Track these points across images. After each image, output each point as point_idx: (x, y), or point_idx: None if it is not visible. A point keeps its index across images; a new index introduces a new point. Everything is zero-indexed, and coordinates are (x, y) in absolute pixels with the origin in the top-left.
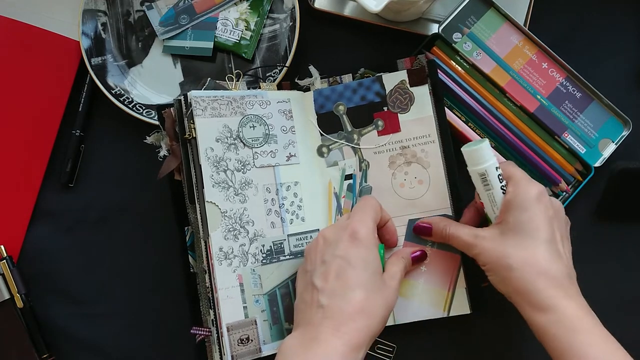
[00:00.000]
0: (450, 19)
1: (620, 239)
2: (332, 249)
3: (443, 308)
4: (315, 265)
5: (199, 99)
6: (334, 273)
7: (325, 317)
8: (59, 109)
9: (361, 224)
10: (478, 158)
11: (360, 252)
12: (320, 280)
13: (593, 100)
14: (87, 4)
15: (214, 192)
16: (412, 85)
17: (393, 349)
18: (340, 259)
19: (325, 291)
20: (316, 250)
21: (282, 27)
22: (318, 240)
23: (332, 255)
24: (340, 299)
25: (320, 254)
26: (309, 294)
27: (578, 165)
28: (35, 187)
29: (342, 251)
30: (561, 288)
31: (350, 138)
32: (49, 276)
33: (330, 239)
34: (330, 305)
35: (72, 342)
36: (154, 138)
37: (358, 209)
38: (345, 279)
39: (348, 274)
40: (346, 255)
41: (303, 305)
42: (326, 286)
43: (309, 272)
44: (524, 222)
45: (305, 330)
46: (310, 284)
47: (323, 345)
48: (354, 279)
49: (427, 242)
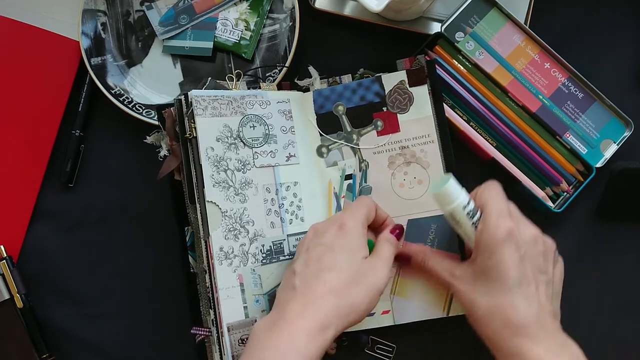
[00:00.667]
0: (453, 18)
1: (621, 239)
2: (319, 238)
3: (442, 308)
4: (300, 253)
5: (199, 98)
6: (315, 259)
7: (295, 297)
8: (59, 109)
9: (350, 217)
10: (443, 199)
11: (344, 241)
12: (300, 266)
13: (595, 100)
14: (87, 4)
15: (214, 191)
16: (412, 86)
17: (393, 349)
18: (323, 246)
19: (301, 275)
20: (304, 241)
21: (282, 27)
22: (308, 232)
23: (316, 243)
24: (312, 279)
25: (307, 244)
26: (287, 279)
27: (579, 166)
28: (35, 187)
29: (327, 240)
30: (527, 336)
31: (350, 138)
32: (49, 276)
33: (319, 230)
34: (301, 285)
35: (72, 342)
36: (154, 138)
37: (351, 205)
38: (323, 262)
39: (325, 258)
40: (330, 243)
41: (281, 290)
42: (304, 271)
43: (294, 262)
44: (491, 267)
45: (274, 311)
46: (290, 270)
47: (289, 324)
48: (331, 261)
49: (427, 242)
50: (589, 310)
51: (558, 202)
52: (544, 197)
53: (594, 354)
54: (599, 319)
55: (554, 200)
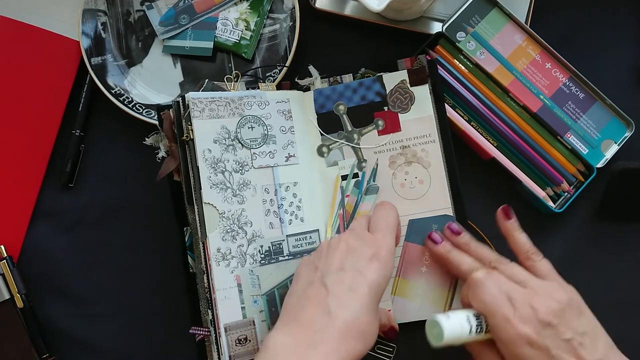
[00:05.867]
0: (454, 18)
1: (621, 239)
2: (354, 259)
3: (443, 308)
4: (331, 267)
5: (196, 100)
6: (349, 284)
7: (330, 326)
8: (59, 109)
9: (385, 244)
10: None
11: (378, 277)
12: (333, 283)
13: (596, 101)
14: (87, 4)
15: (211, 193)
16: (413, 85)
17: (393, 349)
18: (358, 274)
19: (336, 296)
20: (335, 252)
21: (282, 27)
22: (340, 243)
23: (352, 266)
24: (349, 313)
25: (340, 260)
26: (316, 290)
27: (580, 166)
28: (35, 187)
29: (362, 267)
30: None
31: (351, 138)
32: (49, 276)
33: (353, 248)
34: (338, 315)
35: (72, 342)
36: (153, 139)
37: (384, 224)
38: (357, 296)
39: (360, 292)
40: (365, 273)
41: (305, 299)
42: (338, 292)
43: (319, 270)
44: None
45: (303, 333)
46: (319, 281)
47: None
48: (366, 300)
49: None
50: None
51: (559, 202)
52: (545, 197)
53: None
54: (599, 319)
55: (555, 200)
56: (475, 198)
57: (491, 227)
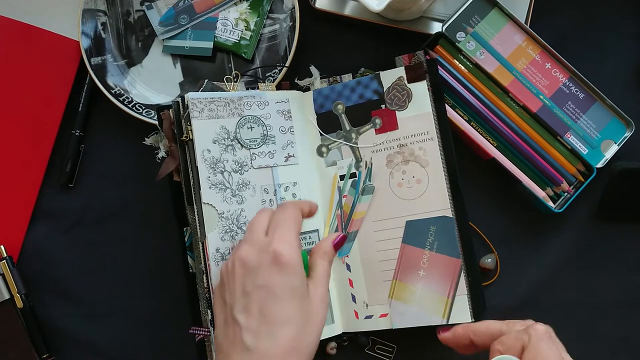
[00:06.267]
0: (453, 18)
1: (621, 239)
2: (253, 277)
3: (442, 314)
4: (235, 296)
5: (195, 101)
6: (257, 307)
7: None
8: (59, 109)
9: (284, 243)
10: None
11: (284, 280)
12: (242, 316)
13: (596, 101)
14: (87, 4)
15: (210, 193)
16: (410, 82)
17: (393, 349)
18: (262, 290)
19: (250, 330)
20: (234, 277)
21: (282, 27)
22: (235, 264)
23: (253, 285)
24: (267, 339)
25: (240, 284)
26: (231, 330)
27: (580, 166)
28: (35, 187)
29: (264, 280)
30: None
31: (349, 137)
32: (49, 276)
33: (250, 265)
34: (257, 347)
35: (72, 342)
36: (152, 139)
37: (278, 224)
38: (271, 315)
39: (273, 308)
40: (269, 285)
41: (226, 342)
42: (250, 323)
43: (228, 305)
44: None
45: None
46: (231, 318)
47: None
48: (280, 313)
49: (426, 244)
50: (589, 310)
51: (559, 202)
52: (545, 197)
53: (594, 353)
54: (599, 319)
55: (555, 200)
56: (475, 198)
57: (491, 227)
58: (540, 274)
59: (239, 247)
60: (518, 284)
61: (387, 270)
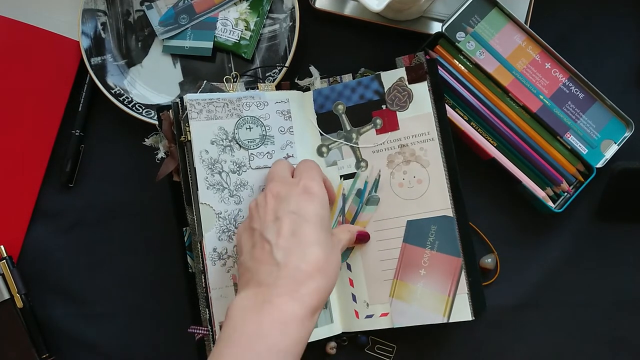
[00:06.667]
0: (453, 18)
1: (621, 239)
2: (285, 204)
3: (443, 313)
4: (267, 221)
5: (194, 102)
6: (289, 229)
7: (281, 277)
8: (59, 109)
9: (312, 180)
10: None
11: (315, 208)
12: (273, 236)
13: (596, 101)
14: (87, 4)
15: (208, 193)
16: (411, 83)
17: (393, 349)
18: (295, 215)
19: (280, 246)
20: (265, 207)
21: (281, 27)
22: (267, 196)
23: (285, 211)
24: (297, 257)
25: (272, 211)
26: (260, 250)
27: (580, 166)
28: (35, 187)
29: (295, 206)
30: None
31: (349, 137)
32: (49, 276)
33: (281, 195)
34: (287, 263)
35: (72, 342)
36: (152, 140)
37: (305, 169)
38: (302, 235)
39: (305, 230)
40: (301, 211)
41: (253, 262)
42: (281, 242)
43: (257, 231)
44: None
45: (258, 291)
46: (261, 239)
47: (278, 309)
48: (311, 235)
49: (426, 244)
50: (589, 310)
51: (559, 202)
52: (545, 197)
53: (594, 353)
54: (599, 319)
55: (555, 200)
56: (475, 198)
57: (491, 227)
58: (540, 274)
59: (268, 185)
60: (518, 284)
61: (388, 270)
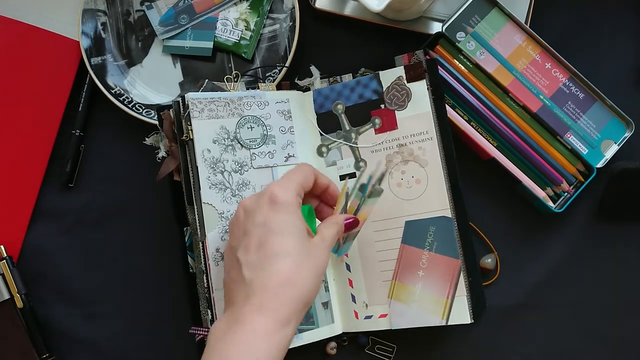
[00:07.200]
0: (453, 18)
1: (621, 239)
2: (252, 217)
3: (441, 315)
4: (238, 237)
5: (195, 101)
6: (256, 243)
7: (249, 295)
8: (59, 109)
9: (280, 187)
10: None
11: (280, 217)
12: (242, 253)
13: (596, 101)
14: (87, 4)
15: (210, 193)
16: (410, 81)
17: (393, 349)
18: (260, 227)
19: (248, 264)
20: (238, 222)
21: (282, 27)
22: (239, 211)
23: (252, 224)
24: (263, 271)
25: (242, 225)
26: (235, 271)
27: (580, 166)
28: (35, 187)
29: (261, 218)
30: None
31: (349, 137)
32: (49, 276)
33: (249, 208)
34: (254, 279)
35: (72, 342)
36: (153, 139)
37: (283, 176)
38: (268, 248)
39: (270, 242)
40: (266, 222)
41: (230, 284)
42: (249, 259)
43: (233, 248)
44: None
45: (231, 312)
46: (235, 258)
47: (247, 327)
48: (277, 245)
49: (425, 245)
50: (589, 310)
51: (559, 202)
52: (545, 197)
53: (594, 353)
54: (599, 319)
55: (555, 200)
56: (475, 198)
57: (491, 227)
58: (540, 273)
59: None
60: (518, 284)
61: (387, 271)
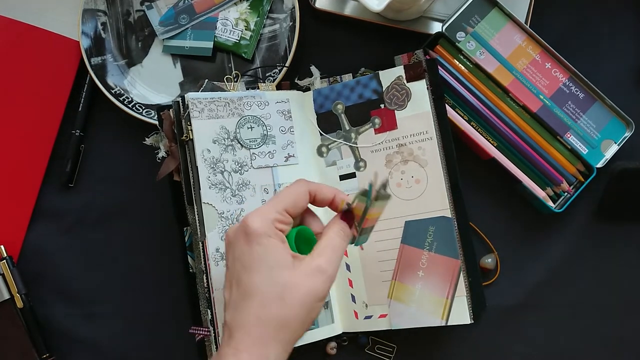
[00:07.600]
0: (453, 18)
1: (621, 239)
2: (232, 251)
3: (441, 316)
4: (226, 273)
5: (195, 101)
6: (235, 280)
7: (230, 336)
8: (59, 109)
9: (255, 217)
10: None
11: (253, 250)
12: (227, 292)
13: (596, 101)
14: (87, 4)
15: (210, 193)
16: (409, 81)
17: (393, 349)
18: (237, 262)
19: (229, 304)
20: (226, 254)
21: (282, 27)
22: (225, 242)
23: (232, 258)
24: (237, 311)
25: (227, 259)
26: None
27: (580, 166)
28: (35, 187)
29: (237, 251)
30: None
31: (348, 137)
32: (49, 276)
33: (231, 240)
34: (231, 320)
35: (72, 342)
36: (153, 139)
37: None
38: (240, 286)
39: (243, 280)
40: (241, 257)
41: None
42: (230, 298)
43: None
44: None
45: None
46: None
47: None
48: (248, 283)
49: (424, 245)
50: (589, 310)
51: (559, 202)
52: (545, 197)
53: (594, 353)
54: (599, 319)
55: (555, 200)
56: (475, 198)
57: (491, 227)
58: (540, 273)
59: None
60: (518, 284)
61: (387, 271)
